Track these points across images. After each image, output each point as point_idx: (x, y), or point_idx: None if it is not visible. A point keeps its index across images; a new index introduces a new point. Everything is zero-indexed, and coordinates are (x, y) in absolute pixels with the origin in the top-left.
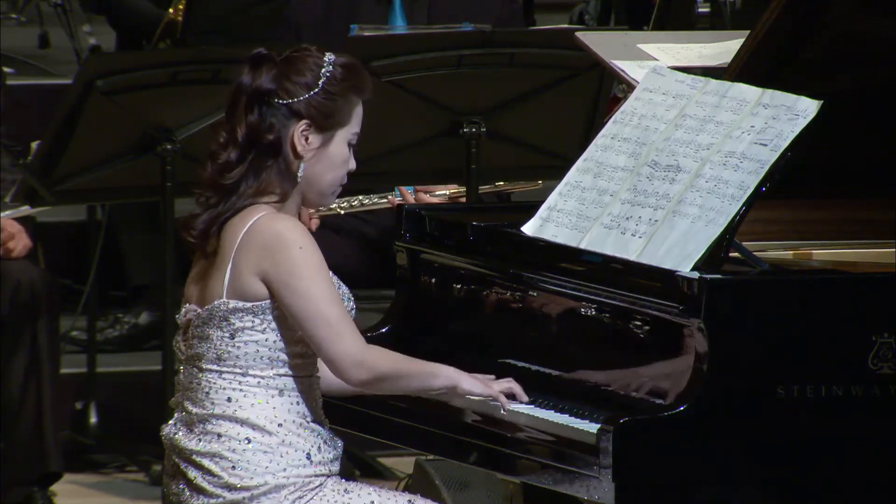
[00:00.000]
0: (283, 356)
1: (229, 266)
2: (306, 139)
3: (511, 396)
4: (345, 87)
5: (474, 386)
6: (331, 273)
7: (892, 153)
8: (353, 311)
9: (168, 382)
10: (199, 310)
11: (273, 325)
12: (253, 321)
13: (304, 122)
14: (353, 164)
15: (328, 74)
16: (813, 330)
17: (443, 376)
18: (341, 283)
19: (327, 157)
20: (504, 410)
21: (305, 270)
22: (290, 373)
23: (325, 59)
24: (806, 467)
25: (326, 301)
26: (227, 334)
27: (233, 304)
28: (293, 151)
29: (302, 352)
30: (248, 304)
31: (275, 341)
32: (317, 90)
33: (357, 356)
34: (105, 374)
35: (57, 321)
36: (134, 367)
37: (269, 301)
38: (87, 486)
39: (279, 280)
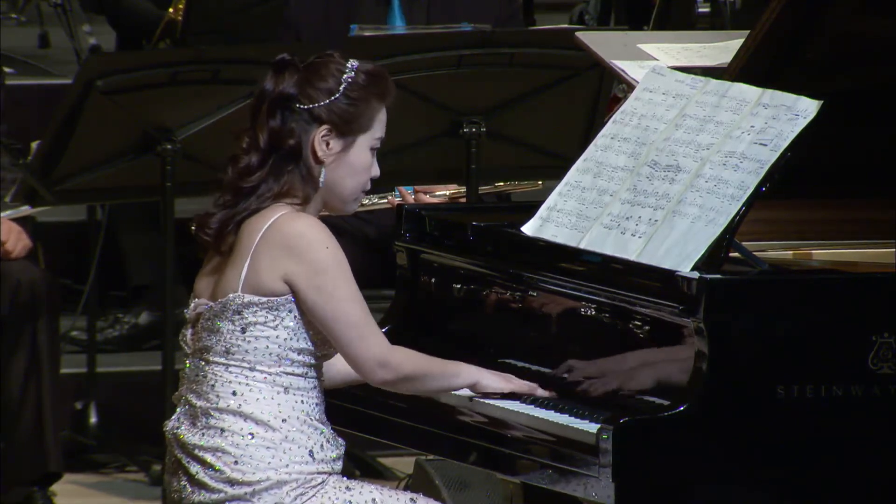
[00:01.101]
0: (292, 355)
1: (247, 261)
2: (327, 144)
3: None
4: (366, 92)
5: (494, 382)
6: None
7: (892, 153)
8: None
9: (168, 382)
10: (212, 304)
11: (285, 322)
12: (266, 317)
13: (324, 127)
14: (376, 171)
15: (350, 80)
16: (813, 330)
17: (464, 375)
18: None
19: (348, 163)
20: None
21: (332, 270)
22: (296, 372)
23: (348, 65)
24: (806, 467)
25: (352, 301)
26: (238, 328)
27: (248, 297)
28: (314, 156)
29: (311, 351)
30: (264, 300)
31: (285, 339)
32: (338, 95)
33: (382, 357)
34: (105, 374)
35: (57, 321)
36: (134, 367)
37: (284, 298)
38: (87, 486)
39: (305, 280)
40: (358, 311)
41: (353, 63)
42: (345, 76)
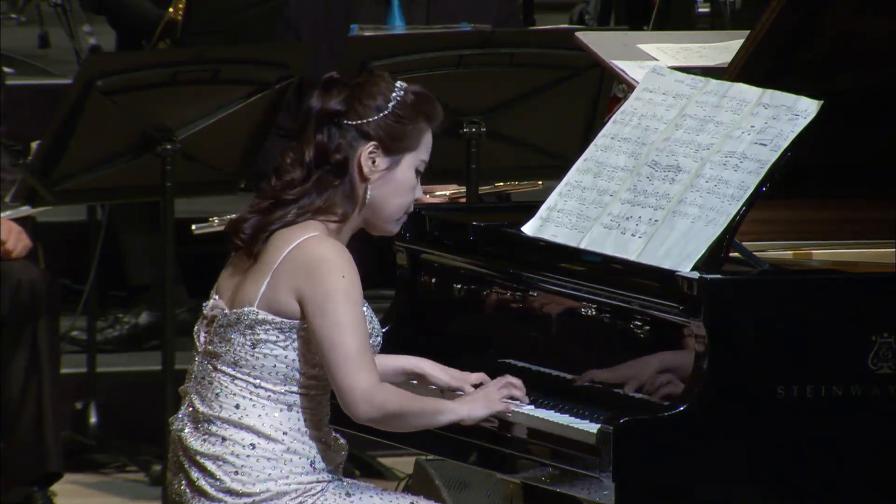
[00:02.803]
0: (298, 376)
1: (268, 277)
2: (373, 161)
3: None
4: (415, 112)
5: (479, 410)
6: (366, 305)
7: (892, 153)
8: (378, 347)
9: (168, 382)
10: (227, 310)
11: (296, 344)
12: (277, 336)
13: (372, 143)
14: (419, 192)
15: (398, 98)
16: (813, 330)
17: (447, 411)
18: (373, 317)
19: (394, 181)
20: (510, 413)
21: (341, 297)
22: (301, 391)
23: (397, 84)
24: (806, 467)
25: (352, 332)
26: (248, 342)
27: (262, 315)
28: (360, 173)
29: (318, 374)
30: (277, 320)
31: (293, 360)
32: (386, 112)
33: (368, 392)
34: (105, 374)
35: (57, 321)
36: (134, 367)
37: (298, 321)
38: (87, 486)
39: (313, 301)
40: (355, 343)
41: (401, 83)
42: (394, 94)
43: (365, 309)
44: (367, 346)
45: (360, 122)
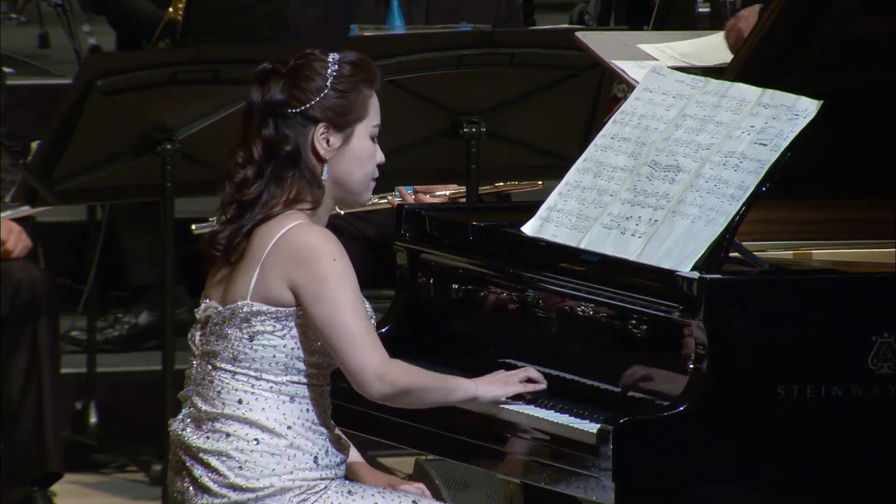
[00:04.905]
0: (299, 364)
1: (258, 269)
2: (327, 141)
3: (530, 381)
4: (354, 81)
5: (493, 391)
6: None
7: (892, 153)
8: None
9: (168, 382)
10: (220, 308)
11: (293, 332)
12: (274, 326)
13: (321, 125)
14: (380, 157)
15: (335, 73)
16: (813, 330)
17: (461, 389)
18: (365, 300)
19: (351, 154)
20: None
21: (335, 282)
22: (303, 381)
23: (330, 59)
24: (806, 467)
25: (352, 313)
26: (245, 336)
27: (256, 306)
28: (316, 156)
29: (318, 362)
30: (272, 309)
31: (293, 348)
32: (327, 91)
33: (379, 369)
34: (105, 374)
35: (57, 321)
36: (134, 367)
37: (293, 308)
38: (87, 486)
39: (308, 289)
40: (358, 324)
41: (334, 56)
42: (329, 70)
43: None
44: (370, 326)
45: (303, 107)
